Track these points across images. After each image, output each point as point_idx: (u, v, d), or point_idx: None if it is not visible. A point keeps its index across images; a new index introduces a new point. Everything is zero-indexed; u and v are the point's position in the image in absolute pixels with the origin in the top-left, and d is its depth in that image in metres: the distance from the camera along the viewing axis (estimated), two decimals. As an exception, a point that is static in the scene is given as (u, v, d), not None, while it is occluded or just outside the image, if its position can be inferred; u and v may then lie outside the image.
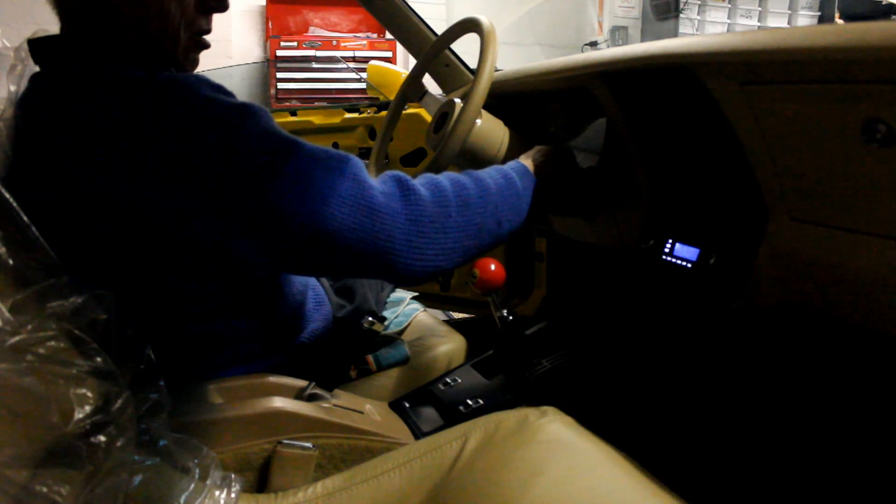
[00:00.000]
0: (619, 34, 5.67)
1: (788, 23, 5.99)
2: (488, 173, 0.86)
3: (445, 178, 0.80)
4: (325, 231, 0.66)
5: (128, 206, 0.64)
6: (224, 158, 0.64)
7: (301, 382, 0.82)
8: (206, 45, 0.81)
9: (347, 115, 1.82)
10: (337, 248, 0.68)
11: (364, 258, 0.70)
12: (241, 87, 4.41)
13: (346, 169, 0.69)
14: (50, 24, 0.76)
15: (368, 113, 1.79)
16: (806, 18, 6.07)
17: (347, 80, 4.41)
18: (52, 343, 0.54)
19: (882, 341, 0.71)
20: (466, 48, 1.31)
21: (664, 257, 0.93)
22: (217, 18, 0.81)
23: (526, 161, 0.94)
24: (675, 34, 5.39)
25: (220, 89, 0.70)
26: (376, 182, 0.72)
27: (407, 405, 0.94)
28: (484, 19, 1.06)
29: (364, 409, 0.85)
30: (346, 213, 0.67)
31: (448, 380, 0.99)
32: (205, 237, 0.67)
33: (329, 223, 0.66)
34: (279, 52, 4.40)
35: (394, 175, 0.75)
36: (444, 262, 0.76)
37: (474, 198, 0.79)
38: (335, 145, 1.84)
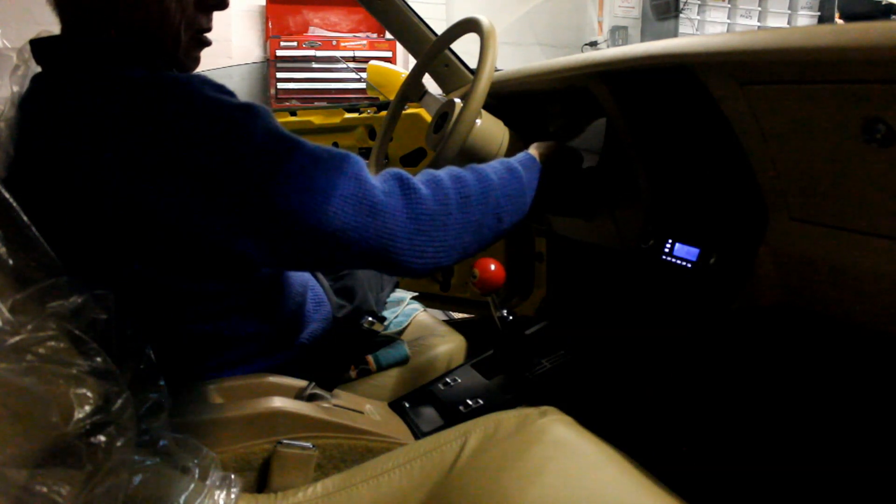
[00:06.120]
0: (619, 34, 5.66)
1: (788, 23, 5.99)
2: (492, 166, 0.86)
3: (446, 173, 0.80)
4: (327, 230, 0.67)
5: (129, 205, 0.64)
6: (226, 158, 0.64)
7: (301, 382, 0.82)
8: (208, 43, 0.82)
9: (347, 115, 1.82)
10: (339, 247, 0.69)
11: (365, 255, 0.71)
12: (241, 87, 4.41)
13: (347, 168, 0.70)
14: (51, 24, 0.76)
15: (368, 113, 1.79)
16: (806, 18, 6.07)
17: (347, 80, 4.40)
18: (52, 343, 0.54)
19: (882, 341, 0.71)
20: (466, 48, 1.31)
21: (664, 257, 0.93)
22: (217, 18, 0.81)
23: (534, 151, 0.94)
24: (675, 34, 5.39)
25: (221, 89, 0.70)
26: (377, 181, 0.72)
27: (407, 405, 0.94)
28: (484, 19, 1.06)
29: (364, 409, 0.85)
30: (347, 212, 0.67)
31: (448, 380, 0.99)
32: (207, 236, 0.67)
33: (331, 222, 0.67)
34: (279, 52, 4.40)
35: (394, 173, 0.75)
36: (444, 259, 0.76)
37: (475, 194, 0.79)
38: (335, 145, 1.84)
